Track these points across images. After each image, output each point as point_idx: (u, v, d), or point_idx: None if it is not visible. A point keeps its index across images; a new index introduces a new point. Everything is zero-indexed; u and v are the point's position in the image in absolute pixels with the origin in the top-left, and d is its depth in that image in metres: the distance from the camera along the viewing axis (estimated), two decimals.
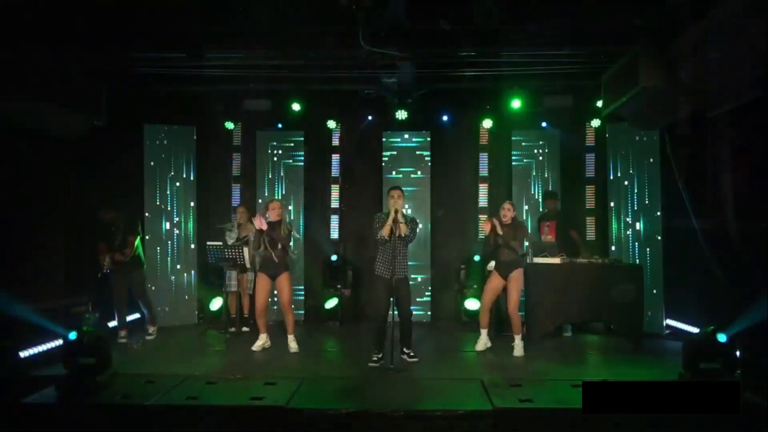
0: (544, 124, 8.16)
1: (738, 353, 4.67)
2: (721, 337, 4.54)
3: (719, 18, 3.82)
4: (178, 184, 7.93)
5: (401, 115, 7.46)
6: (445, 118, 8.34)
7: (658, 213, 7.09)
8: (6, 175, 5.34)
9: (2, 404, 4.51)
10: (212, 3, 4.96)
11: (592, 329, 7.25)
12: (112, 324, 6.78)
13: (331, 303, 7.88)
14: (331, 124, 8.31)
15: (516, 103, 7.66)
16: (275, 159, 8.36)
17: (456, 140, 8.40)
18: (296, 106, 7.90)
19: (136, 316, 7.23)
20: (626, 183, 7.46)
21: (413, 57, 5.62)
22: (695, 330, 6.22)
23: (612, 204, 7.67)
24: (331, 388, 4.84)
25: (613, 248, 7.60)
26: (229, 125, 8.34)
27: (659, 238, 7.07)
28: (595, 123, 7.95)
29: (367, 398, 4.57)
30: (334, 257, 8.26)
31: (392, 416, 4.26)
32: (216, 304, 7.87)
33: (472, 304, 7.72)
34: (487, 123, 8.15)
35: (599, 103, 6.19)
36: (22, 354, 5.40)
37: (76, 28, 5.11)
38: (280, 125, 8.40)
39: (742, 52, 3.72)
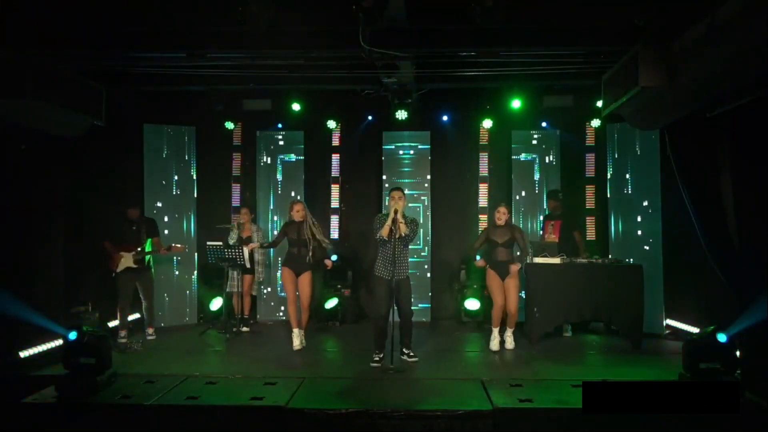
0: (544, 124, 8.17)
1: (738, 353, 4.67)
2: (721, 337, 4.54)
3: (719, 18, 3.81)
4: (178, 184, 7.93)
5: (401, 115, 7.46)
6: (445, 118, 8.35)
7: (658, 213, 7.08)
8: (6, 175, 5.35)
9: (2, 404, 4.51)
10: (212, 3, 4.96)
11: (592, 329, 7.25)
12: (112, 324, 6.78)
13: (331, 303, 7.88)
14: (331, 124, 8.31)
15: (516, 103, 7.66)
16: (275, 159, 8.38)
17: (456, 140, 8.40)
18: (296, 106, 7.90)
19: (136, 316, 7.23)
20: (626, 183, 7.47)
21: (413, 57, 5.62)
22: (695, 330, 6.22)
23: (612, 204, 7.67)
24: (331, 388, 4.85)
25: (612, 248, 7.61)
26: (229, 125, 8.33)
27: (659, 238, 7.06)
28: (595, 123, 7.95)
29: (367, 398, 4.58)
30: (334, 257, 8.25)
31: (392, 416, 4.26)
32: (216, 304, 7.87)
33: (472, 304, 7.72)
34: (487, 123, 8.15)
35: (599, 103, 6.18)
36: (22, 354, 5.40)
37: (76, 27, 5.11)
38: (280, 125, 8.41)
39: (742, 52, 3.72)
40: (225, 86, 6.87)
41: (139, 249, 6.62)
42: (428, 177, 8.32)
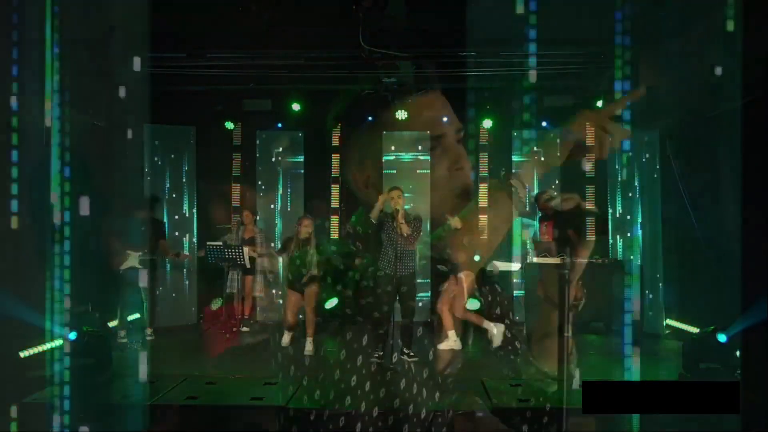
0: (544, 124, 8.16)
1: (738, 353, 4.67)
2: (721, 337, 4.54)
3: (719, 18, 3.82)
4: (178, 184, 7.93)
5: (401, 115, 7.46)
6: (445, 118, 8.33)
7: (658, 213, 7.07)
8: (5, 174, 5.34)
9: (2, 404, 4.51)
10: (212, 3, 4.96)
11: (592, 329, 7.25)
12: (112, 324, 6.77)
13: (331, 303, 7.86)
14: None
15: (516, 104, 7.64)
16: (275, 159, 8.38)
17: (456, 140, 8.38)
18: (296, 106, 7.89)
19: (136, 316, 7.22)
20: (626, 183, 7.46)
21: (413, 57, 5.63)
22: (695, 330, 6.22)
23: (612, 204, 7.66)
24: (331, 388, 4.84)
25: (613, 248, 7.60)
26: (229, 125, 8.32)
27: (659, 238, 7.06)
28: None
29: (367, 398, 4.57)
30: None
31: (392, 416, 4.26)
32: (216, 304, 7.86)
33: (471, 304, 7.70)
34: (487, 123, 8.14)
35: (599, 103, 6.19)
36: (22, 354, 5.39)
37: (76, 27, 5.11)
38: (280, 125, 8.40)
39: (741, 52, 3.72)
40: (225, 86, 6.88)
41: (145, 250, 6.61)
42: (428, 177, 8.30)
